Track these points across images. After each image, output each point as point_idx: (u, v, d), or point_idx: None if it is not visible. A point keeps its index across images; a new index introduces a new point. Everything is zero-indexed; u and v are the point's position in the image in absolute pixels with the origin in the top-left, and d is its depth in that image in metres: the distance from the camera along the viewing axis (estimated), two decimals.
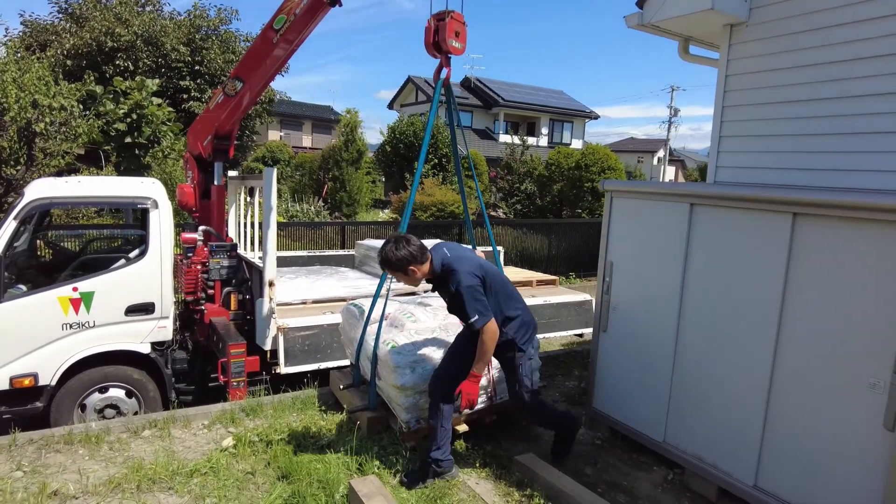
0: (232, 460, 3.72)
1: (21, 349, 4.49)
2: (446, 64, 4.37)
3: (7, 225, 4.50)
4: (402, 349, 3.88)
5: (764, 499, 3.43)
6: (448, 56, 4.33)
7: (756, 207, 3.48)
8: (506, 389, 4.12)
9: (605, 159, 18.30)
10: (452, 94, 4.62)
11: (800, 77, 4.40)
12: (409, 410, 3.86)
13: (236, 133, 6.56)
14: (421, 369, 3.84)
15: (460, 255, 3.51)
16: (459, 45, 4.30)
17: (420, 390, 3.82)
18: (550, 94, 36.42)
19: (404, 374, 3.78)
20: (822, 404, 3.18)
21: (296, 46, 5.19)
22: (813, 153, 4.30)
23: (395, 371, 3.78)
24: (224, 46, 17.11)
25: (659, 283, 4.04)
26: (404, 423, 3.87)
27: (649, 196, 4.24)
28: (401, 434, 3.92)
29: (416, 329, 4.10)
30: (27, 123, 9.02)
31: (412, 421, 3.88)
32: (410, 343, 3.96)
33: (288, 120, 37.07)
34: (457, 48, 4.29)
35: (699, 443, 3.84)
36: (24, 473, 3.52)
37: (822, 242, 3.17)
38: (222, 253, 5.70)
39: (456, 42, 4.28)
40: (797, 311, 3.28)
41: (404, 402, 3.83)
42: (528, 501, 3.43)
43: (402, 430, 3.89)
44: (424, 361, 3.89)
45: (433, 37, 4.28)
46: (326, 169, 20.06)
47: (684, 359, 3.94)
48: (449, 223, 13.97)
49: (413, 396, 3.83)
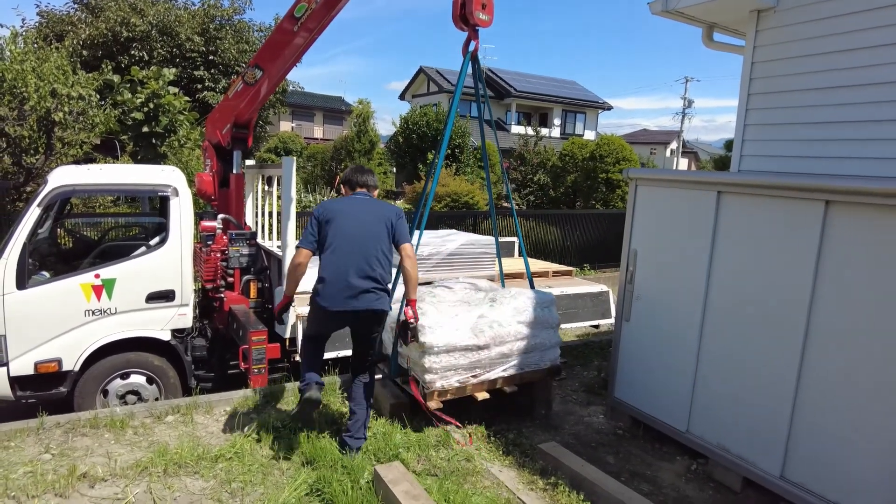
0: (255, 446, 3.74)
1: (45, 335, 4.54)
2: (474, 37, 4.35)
3: (31, 212, 4.53)
4: (427, 311, 4.00)
5: (791, 490, 3.40)
6: (476, 29, 4.32)
7: (786, 195, 3.42)
8: (530, 361, 4.24)
9: (620, 150, 18.14)
10: (480, 67, 4.59)
11: (829, 63, 4.31)
12: (431, 371, 3.88)
13: (255, 122, 6.55)
14: (443, 332, 3.91)
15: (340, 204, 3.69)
16: (486, 17, 4.28)
17: (442, 350, 3.88)
18: (563, 85, 36.11)
19: (427, 334, 3.85)
20: (853, 397, 3.13)
21: (316, 35, 5.15)
22: (843, 141, 4.21)
23: (420, 330, 3.84)
24: (238, 36, 17.09)
25: (684, 273, 4.00)
26: (427, 385, 3.89)
27: (675, 184, 4.18)
28: (423, 396, 3.92)
29: (437, 302, 4.26)
30: (46, 112, 9.06)
31: (436, 381, 3.90)
32: (433, 309, 4.07)
33: (299, 111, 37.07)
34: (484, 20, 4.27)
35: (724, 433, 3.81)
36: (52, 456, 3.56)
37: (856, 231, 3.11)
38: (241, 241, 5.71)
39: (483, 14, 4.26)
40: (828, 302, 3.23)
41: (427, 362, 3.87)
42: (553, 489, 3.42)
43: (424, 391, 3.91)
44: (446, 325, 3.98)
45: (460, 10, 4.27)
46: (338, 160, 20.06)
47: (709, 349, 3.90)
48: (463, 213, 13.93)
49: (436, 356, 3.88)
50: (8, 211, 8.30)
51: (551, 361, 4.49)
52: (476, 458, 3.75)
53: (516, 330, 4.23)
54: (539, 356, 4.40)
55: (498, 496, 3.32)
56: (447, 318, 4.06)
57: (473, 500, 3.17)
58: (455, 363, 3.96)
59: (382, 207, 3.67)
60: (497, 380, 4.20)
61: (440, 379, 3.92)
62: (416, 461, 3.65)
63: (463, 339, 3.98)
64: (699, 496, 3.64)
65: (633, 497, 3.24)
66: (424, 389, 3.92)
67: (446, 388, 3.95)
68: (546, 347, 4.44)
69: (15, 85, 8.74)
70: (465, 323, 4.09)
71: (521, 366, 4.28)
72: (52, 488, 3.15)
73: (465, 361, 4.00)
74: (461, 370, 4.01)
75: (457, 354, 3.96)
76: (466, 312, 4.22)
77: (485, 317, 4.18)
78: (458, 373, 4.00)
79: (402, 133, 23.01)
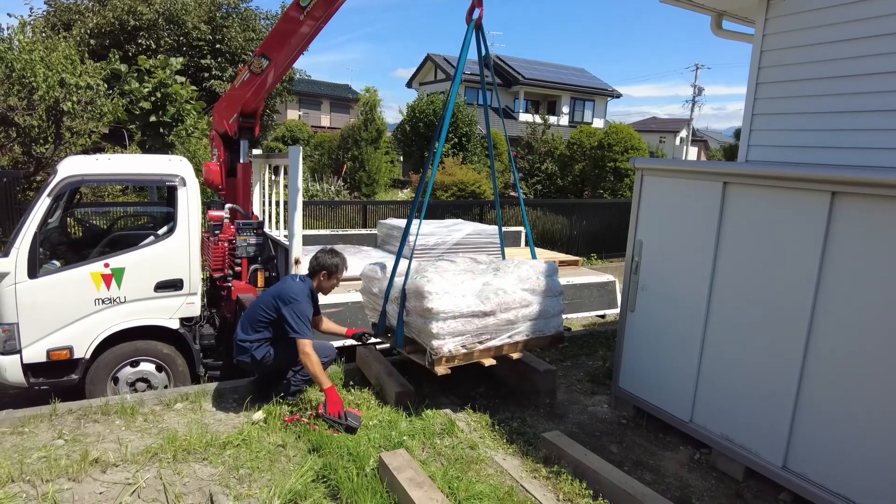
0: (263, 433, 3.79)
1: (56, 323, 4.61)
2: (478, 4, 4.27)
3: (41, 202, 4.58)
4: (433, 278, 4.03)
5: (793, 480, 3.41)
6: None
7: (792, 186, 3.40)
8: (534, 328, 4.32)
9: (629, 139, 18.01)
10: (485, 37, 4.52)
11: (839, 52, 4.25)
12: (439, 336, 3.91)
13: (261, 111, 6.56)
14: (449, 298, 3.94)
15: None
16: None
17: (449, 316, 3.91)
18: (572, 72, 35.83)
19: (434, 300, 3.88)
20: (856, 387, 3.13)
21: (322, 23, 5.13)
22: (852, 131, 4.17)
23: (426, 296, 3.88)
24: (244, 24, 17.05)
25: (690, 263, 4.00)
26: (434, 350, 3.92)
27: (681, 174, 4.17)
28: (430, 363, 3.95)
29: (441, 271, 4.29)
30: (55, 102, 9.11)
31: (443, 347, 3.93)
32: (439, 277, 4.11)
33: (306, 99, 37.01)
34: None
35: (727, 423, 3.83)
36: (65, 441, 3.64)
37: (862, 222, 3.09)
38: (249, 230, 5.76)
39: None
40: (833, 294, 3.22)
41: (435, 328, 3.89)
42: (556, 477, 3.45)
43: (432, 358, 3.93)
44: (453, 292, 4.01)
45: None
46: (345, 148, 20.04)
47: (714, 339, 3.91)
48: (469, 203, 13.92)
49: (443, 321, 3.91)
50: (18, 200, 8.38)
51: (555, 329, 4.54)
52: (480, 447, 3.79)
53: (521, 297, 4.26)
54: (543, 323, 4.45)
55: (501, 484, 3.36)
56: (453, 284, 4.08)
57: (477, 487, 3.21)
58: (462, 329, 3.98)
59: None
60: (503, 346, 4.23)
61: (447, 345, 3.94)
62: (420, 449, 3.69)
63: (469, 306, 4.00)
64: (702, 485, 3.67)
65: (635, 486, 3.27)
66: (432, 356, 3.92)
67: (454, 353, 3.96)
68: (550, 315, 4.49)
69: (24, 75, 8.80)
70: (471, 290, 4.12)
71: (527, 332, 4.33)
72: (66, 473, 3.22)
73: (471, 327, 4.03)
74: (468, 336, 4.04)
75: (463, 320, 3.99)
76: (472, 280, 4.25)
77: (490, 284, 4.21)
78: (465, 338, 4.03)
79: (409, 121, 22.94)
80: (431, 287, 3.94)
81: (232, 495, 3.11)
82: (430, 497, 2.88)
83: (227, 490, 3.16)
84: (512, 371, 4.76)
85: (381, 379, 4.47)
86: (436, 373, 3.94)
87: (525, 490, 3.35)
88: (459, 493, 3.13)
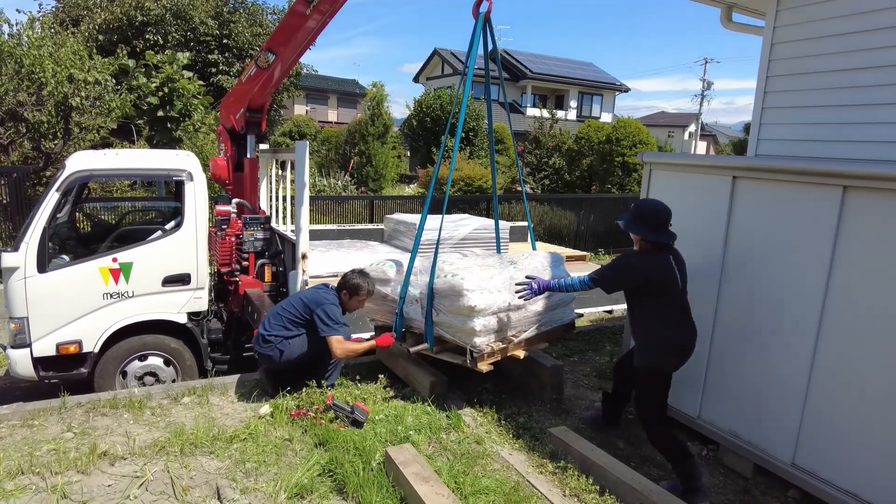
0: (269, 427, 3.81)
1: (66, 317, 4.64)
2: None
3: (50, 197, 4.60)
4: (467, 276, 3.92)
5: (802, 477, 3.39)
6: None
7: (803, 180, 3.36)
8: (553, 318, 4.40)
9: (637, 133, 17.91)
10: (493, 31, 4.49)
11: (851, 44, 4.19)
12: (481, 334, 3.89)
13: (268, 106, 6.57)
14: (487, 295, 3.88)
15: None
16: None
17: (489, 313, 3.88)
18: (579, 66, 35.62)
19: (473, 297, 3.81)
20: (865, 385, 3.10)
21: (329, 17, 5.12)
22: (865, 124, 4.11)
23: (465, 295, 3.81)
24: (251, 19, 17.09)
25: (698, 258, 3.95)
26: (477, 349, 3.89)
27: (690, 169, 4.14)
28: (472, 361, 3.93)
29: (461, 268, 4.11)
30: (64, 98, 9.16)
31: (485, 344, 3.92)
32: (470, 274, 4.00)
33: (314, 94, 37.03)
34: None
35: (735, 420, 3.80)
36: (74, 434, 3.67)
37: (874, 217, 3.05)
38: (256, 225, 5.77)
39: None
40: (843, 289, 3.19)
41: (478, 325, 3.85)
42: (562, 473, 3.44)
43: (474, 356, 3.92)
44: (487, 288, 3.94)
45: None
46: (352, 143, 20.05)
47: (722, 335, 3.88)
48: (477, 198, 13.89)
49: (484, 318, 3.87)
50: (28, 195, 8.44)
51: (569, 317, 4.62)
52: (486, 442, 3.79)
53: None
54: (561, 312, 4.51)
55: (507, 479, 3.35)
56: (483, 280, 4.03)
57: (483, 482, 3.21)
58: (498, 325, 3.99)
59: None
60: (532, 338, 4.27)
61: (490, 341, 3.94)
62: (426, 444, 3.69)
63: (504, 300, 3.99)
64: (710, 482, 3.65)
65: (642, 482, 3.25)
66: (474, 354, 3.90)
67: (494, 349, 3.97)
68: (566, 303, 4.57)
69: (33, 70, 8.85)
70: (502, 284, 4.08)
71: (550, 322, 4.38)
72: (75, 465, 3.25)
73: (506, 322, 4.05)
74: (504, 331, 4.06)
75: (502, 315, 4.00)
76: (498, 275, 4.20)
77: (514, 278, 4.16)
78: (502, 333, 4.05)
79: (416, 116, 22.92)
80: (469, 284, 3.86)
81: (238, 489, 3.12)
82: (437, 492, 2.88)
83: (234, 483, 3.17)
84: (519, 366, 4.74)
85: (409, 370, 4.51)
86: (479, 370, 3.93)
87: (531, 485, 3.35)
88: (465, 488, 3.13)
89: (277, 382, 4.26)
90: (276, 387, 4.24)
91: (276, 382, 4.28)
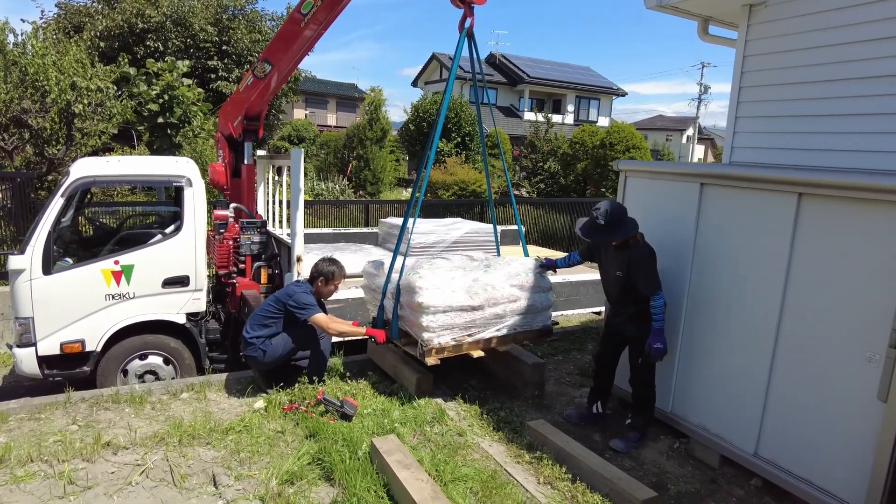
0: (263, 420, 4.02)
1: (69, 317, 4.85)
2: (469, 14, 4.44)
3: (55, 202, 4.82)
4: (424, 275, 4.26)
5: (763, 466, 3.61)
6: (471, 6, 4.41)
7: (763, 187, 3.59)
8: (522, 322, 4.56)
9: (631, 138, 18.16)
10: (476, 45, 4.67)
11: (816, 58, 4.42)
12: (429, 329, 4.13)
13: (265, 113, 6.79)
14: (439, 293, 4.16)
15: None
16: None
17: (439, 310, 4.13)
18: (577, 71, 35.90)
19: (424, 294, 4.10)
20: (821, 378, 3.32)
21: (324, 28, 5.28)
22: (827, 134, 4.34)
23: (418, 292, 4.10)
24: (251, 26, 17.33)
25: (669, 259, 4.18)
26: (425, 342, 4.14)
27: (661, 176, 4.36)
28: (421, 354, 4.18)
29: (434, 268, 4.49)
30: (67, 104, 9.40)
31: (433, 339, 4.14)
32: (431, 273, 4.32)
33: (313, 98, 37.28)
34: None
35: (704, 414, 4.02)
36: (79, 427, 3.89)
37: (825, 221, 3.28)
38: (253, 229, 5.98)
39: None
40: (800, 288, 3.41)
41: (425, 321, 4.11)
42: (538, 463, 3.66)
43: (423, 350, 4.16)
44: (443, 287, 4.22)
45: None
46: (351, 147, 20.28)
47: (691, 332, 4.10)
48: (471, 202, 14.11)
49: (433, 315, 4.12)
50: (32, 200, 8.66)
51: (542, 323, 4.72)
52: (468, 434, 4.00)
53: (509, 293, 4.46)
54: (532, 318, 4.63)
55: (485, 468, 3.56)
56: (444, 280, 4.29)
57: (462, 470, 3.42)
58: (451, 322, 4.20)
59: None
60: (491, 339, 4.44)
61: (437, 337, 4.16)
62: (411, 435, 3.91)
63: (458, 300, 4.22)
64: (678, 472, 3.86)
65: (612, 470, 3.46)
66: (423, 347, 4.15)
67: (443, 345, 4.19)
68: (538, 310, 4.67)
69: (37, 78, 9.08)
70: (461, 285, 4.32)
71: (515, 326, 4.53)
72: (80, 454, 3.47)
73: (460, 321, 4.24)
74: (457, 329, 4.25)
75: (453, 314, 4.20)
76: (462, 276, 4.45)
77: (479, 280, 4.41)
78: (454, 332, 4.24)
79: (413, 121, 23.15)
80: (422, 283, 4.15)
81: (233, 476, 3.34)
82: (417, 477, 3.09)
83: (229, 471, 3.39)
84: (502, 363, 4.97)
85: (398, 367, 4.73)
86: (426, 363, 4.15)
87: (508, 473, 3.56)
88: (445, 475, 3.34)
89: (270, 379, 4.48)
90: (270, 383, 4.45)
91: (269, 379, 4.49)
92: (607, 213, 3.89)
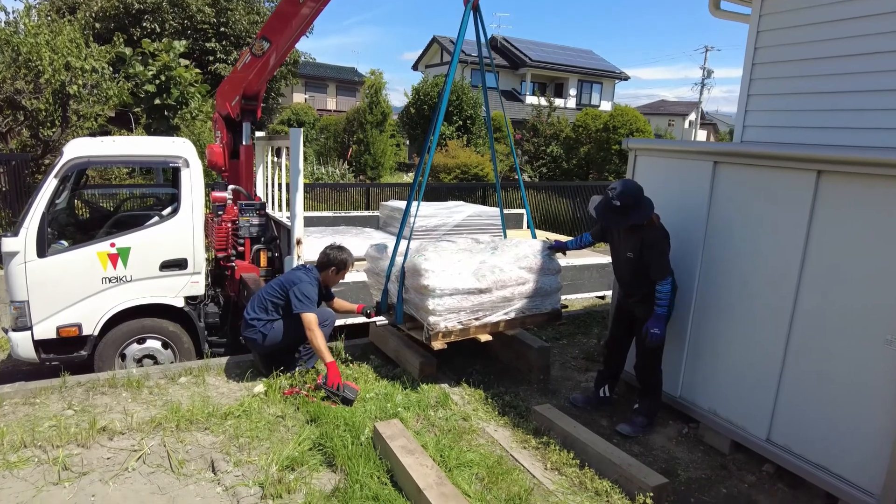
0: (263, 405, 3.93)
1: (65, 301, 4.76)
2: None
3: (48, 183, 4.70)
4: (430, 258, 4.15)
5: (776, 452, 3.51)
6: None
7: (780, 165, 3.46)
8: (531, 306, 4.46)
9: (634, 121, 17.96)
10: (482, 20, 4.53)
11: (835, 32, 4.26)
12: (435, 313, 4.02)
13: (263, 93, 6.64)
14: (446, 276, 4.05)
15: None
16: None
17: (446, 293, 4.02)
18: (579, 54, 35.49)
19: (430, 277, 3.99)
20: (837, 361, 3.21)
21: (322, 5, 5.18)
22: (847, 111, 4.19)
23: (423, 275, 3.99)
24: (249, 7, 17.06)
25: (681, 242, 4.06)
26: (431, 326, 4.04)
27: (673, 154, 4.22)
28: (427, 338, 4.08)
29: (440, 251, 4.38)
30: (61, 86, 9.22)
31: (439, 323, 4.05)
32: (437, 256, 4.21)
33: (312, 82, 36.92)
34: None
35: (714, 398, 3.93)
36: (74, 412, 3.80)
37: (845, 199, 3.15)
38: (252, 211, 5.86)
39: None
40: (817, 268, 3.29)
41: (432, 304, 4.00)
42: (545, 448, 3.57)
43: (429, 334, 4.06)
44: (449, 270, 4.12)
45: None
46: (351, 131, 20.04)
47: (702, 315, 4.00)
48: (473, 185, 13.96)
49: (440, 298, 4.02)
50: (27, 183, 8.53)
51: (552, 306, 4.63)
52: (473, 419, 3.91)
53: (517, 275, 4.35)
54: (540, 301, 4.54)
55: (491, 453, 3.48)
56: (450, 263, 4.18)
57: (467, 455, 3.34)
58: (458, 306, 4.09)
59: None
60: (499, 322, 4.34)
61: (444, 321, 4.06)
62: (415, 420, 3.82)
63: (465, 283, 4.11)
64: (688, 458, 3.78)
65: (621, 456, 3.38)
66: (429, 331, 4.05)
67: (450, 329, 4.09)
68: (547, 293, 4.58)
69: (30, 58, 8.90)
70: (468, 268, 4.21)
71: (523, 310, 4.42)
72: (75, 440, 3.38)
73: (467, 304, 4.14)
74: (464, 312, 4.15)
75: (459, 297, 4.10)
76: (469, 259, 4.34)
77: (486, 262, 4.30)
78: (461, 315, 4.14)
79: (414, 104, 22.87)
80: (428, 265, 4.03)
81: (232, 461, 3.25)
82: (421, 463, 3.00)
83: (228, 457, 3.30)
84: (507, 348, 4.88)
85: (400, 351, 4.64)
86: (432, 347, 4.05)
87: (514, 459, 3.48)
88: (450, 461, 3.26)
89: (271, 363, 4.39)
90: (270, 367, 4.36)
91: (270, 363, 4.40)
92: (623, 193, 3.75)
